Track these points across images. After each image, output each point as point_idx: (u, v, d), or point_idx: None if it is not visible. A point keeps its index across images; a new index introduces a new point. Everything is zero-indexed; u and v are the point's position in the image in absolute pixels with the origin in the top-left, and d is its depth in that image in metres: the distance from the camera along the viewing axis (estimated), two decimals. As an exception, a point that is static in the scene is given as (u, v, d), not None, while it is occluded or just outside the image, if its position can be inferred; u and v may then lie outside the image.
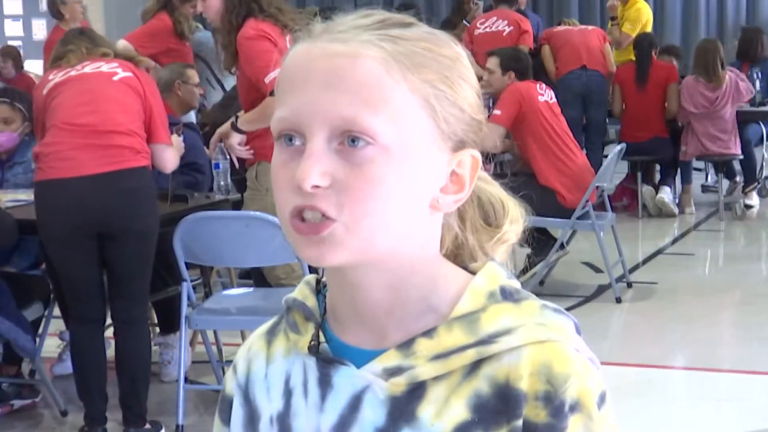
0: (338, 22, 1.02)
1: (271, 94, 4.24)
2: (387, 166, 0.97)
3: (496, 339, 1.00)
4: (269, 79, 4.22)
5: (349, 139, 0.96)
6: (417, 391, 1.01)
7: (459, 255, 1.10)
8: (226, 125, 4.77)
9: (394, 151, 0.97)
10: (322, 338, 1.07)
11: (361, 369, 1.03)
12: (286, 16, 4.42)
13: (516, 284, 1.06)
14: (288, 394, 1.08)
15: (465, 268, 1.08)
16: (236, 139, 4.44)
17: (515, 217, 1.12)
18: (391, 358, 1.02)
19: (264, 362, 1.12)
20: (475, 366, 1.00)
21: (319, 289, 1.11)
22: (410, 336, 1.02)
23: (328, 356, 1.05)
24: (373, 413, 1.02)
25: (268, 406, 1.10)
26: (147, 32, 6.48)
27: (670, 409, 4.42)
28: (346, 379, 1.04)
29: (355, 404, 1.03)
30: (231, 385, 1.15)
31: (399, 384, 1.01)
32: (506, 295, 1.03)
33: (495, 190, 1.12)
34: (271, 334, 1.14)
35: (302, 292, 1.12)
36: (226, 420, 1.15)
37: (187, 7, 6.56)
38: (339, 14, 1.03)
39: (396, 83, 0.97)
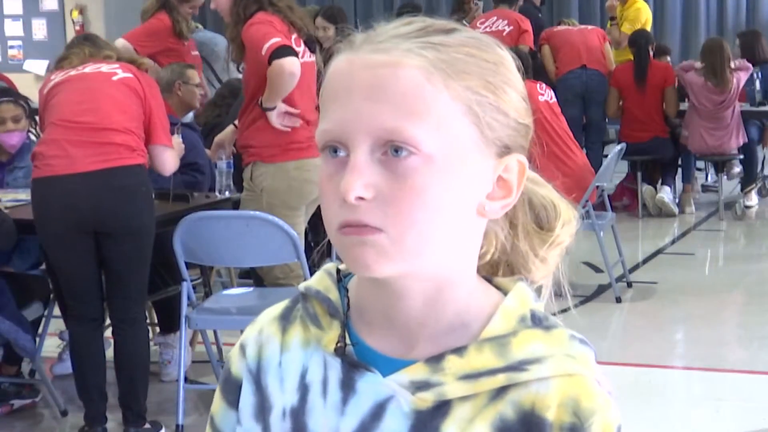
0: (379, 31, 1.01)
1: (269, 61, 4.26)
2: (431, 175, 0.96)
3: (526, 367, 1.00)
4: (266, 49, 4.26)
5: (392, 150, 0.96)
6: (442, 408, 1.00)
7: (510, 262, 1.09)
8: (225, 132, 4.80)
9: (437, 160, 0.96)
10: (348, 340, 1.05)
11: (387, 378, 1.02)
12: (295, 14, 4.46)
13: (543, 307, 1.06)
14: (304, 388, 1.07)
15: (489, 281, 1.07)
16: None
17: (567, 219, 1.11)
18: (420, 372, 1.01)
19: (278, 349, 1.10)
20: (502, 390, 1.00)
21: (340, 279, 1.09)
22: (439, 349, 1.01)
23: (354, 360, 1.04)
24: (395, 424, 1.01)
25: (281, 397, 1.08)
26: (146, 32, 6.48)
27: (670, 409, 4.42)
28: (371, 386, 1.03)
29: (377, 412, 1.02)
30: (239, 366, 1.12)
31: (425, 399, 1.01)
32: (536, 321, 1.03)
33: (546, 192, 1.11)
34: (285, 320, 1.12)
35: (323, 282, 1.10)
36: (233, 402, 1.12)
37: (185, 7, 6.55)
38: (380, 23, 1.02)
39: (438, 91, 0.97)
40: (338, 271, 1.10)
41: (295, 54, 4.31)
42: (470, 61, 0.99)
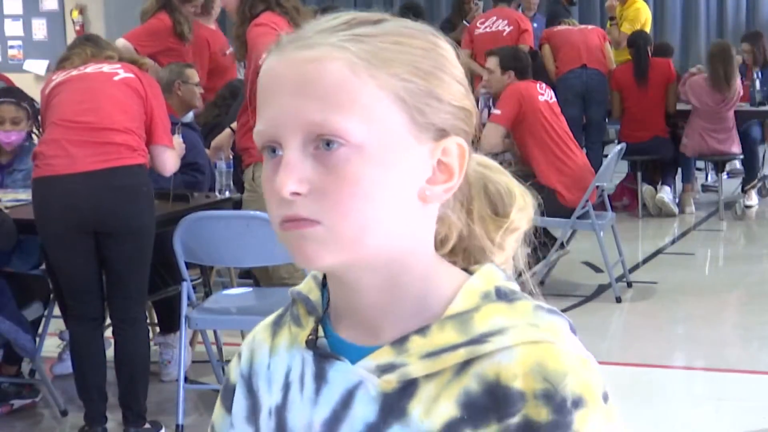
0: (306, 28, 1.02)
1: None
2: (363, 164, 0.97)
3: (488, 339, 1.00)
4: (263, 60, 4.26)
5: (323, 143, 0.97)
6: (409, 388, 1.01)
7: (468, 249, 1.10)
8: (222, 136, 4.79)
9: (368, 149, 0.97)
10: (320, 333, 1.08)
11: (355, 365, 1.04)
12: (302, 16, 4.47)
13: (513, 286, 1.06)
14: (287, 387, 1.09)
15: (466, 270, 1.07)
16: None
17: (523, 205, 1.11)
18: (385, 355, 1.02)
19: (267, 353, 1.13)
20: (466, 364, 1.00)
21: (325, 283, 1.11)
22: (404, 333, 1.02)
23: (325, 351, 1.06)
24: (364, 409, 1.02)
25: (269, 398, 1.10)
26: (146, 31, 6.48)
27: (670, 409, 4.42)
28: (341, 374, 1.04)
29: (347, 399, 1.04)
30: (235, 373, 1.16)
31: (390, 381, 1.02)
32: (501, 295, 1.04)
33: (502, 178, 1.12)
34: (276, 325, 1.15)
35: (308, 285, 1.13)
36: (230, 408, 1.15)
37: (187, 7, 6.54)
38: (311, 22, 1.04)
39: (363, 82, 0.98)
40: (325, 275, 1.12)
41: None
42: (396, 48, 1.00)
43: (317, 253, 0.99)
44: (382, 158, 0.98)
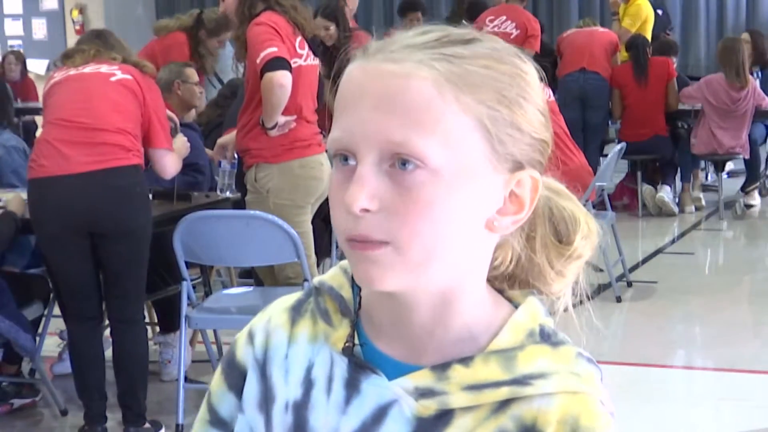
0: (394, 40, 1.00)
1: (262, 73, 4.26)
2: (438, 189, 0.95)
3: (530, 381, 0.99)
4: (260, 58, 4.27)
5: (399, 162, 0.95)
6: (445, 417, 1.00)
7: (526, 275, 1.08)
8: (231, 136, 4.80)
9: (444, 174, 0.95)
10: (356, 340, 1.05)
11: (392, 382, 1.02)
12: (300, 14, 4.47)
13: (551, 322, 1.05)
14: (308, 384, 1.07)
15: (501, 293, 1.07)
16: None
17: (587, 232, 1.09)
18: (425, 379, 1.01)
19: (285, 340, 1.10)
20: (504, 403, 1.00)
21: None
22: (446, 359, 1.01)
23: (361, 361, 1.04)
24: (396, 429, 1.01)
25: (285, 390, 1.08)
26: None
27: (670, 409, 4.42)
28: (375, 388, 1.03)
29: (379, 415, 1.02)
30: (244, 353, 1.12)
31: (428, 407, 1.00)
32: (545, 336, 1.03)
33: (568, 203, 1.10)
34: (295, 311, 1.11)
35: (337, 279, 1.10)
36: (233, 386, 1.12)
37: (213, 42, 6.47)
38: (398, 30, 1.01)
39: (447, 105, 0.95)
40: None
41: (288, 65, 4.31)
42: (485, 73, 0.98)
43: (382, 276, 0.97)
44: (457, 184, 0.96)
